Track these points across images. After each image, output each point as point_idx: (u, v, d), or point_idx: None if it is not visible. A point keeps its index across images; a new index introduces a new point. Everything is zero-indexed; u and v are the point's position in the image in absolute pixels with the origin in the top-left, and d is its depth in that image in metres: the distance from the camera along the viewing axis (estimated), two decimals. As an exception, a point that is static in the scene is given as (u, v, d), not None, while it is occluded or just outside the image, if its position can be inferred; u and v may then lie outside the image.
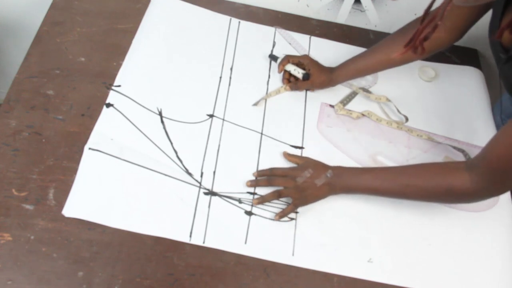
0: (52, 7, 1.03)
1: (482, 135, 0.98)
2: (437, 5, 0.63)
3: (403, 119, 0.99)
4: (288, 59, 0.98)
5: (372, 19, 1.14)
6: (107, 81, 0.94)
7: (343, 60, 0.97)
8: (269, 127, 0.94)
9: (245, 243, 0.80)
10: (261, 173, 0.87)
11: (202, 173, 0.86)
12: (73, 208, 0.78)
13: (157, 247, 0.77)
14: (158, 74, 0.97)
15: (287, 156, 0.89)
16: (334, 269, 0.80)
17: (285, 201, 0.84)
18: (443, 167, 0.77)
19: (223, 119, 0.93)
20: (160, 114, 0.91)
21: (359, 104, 1.01)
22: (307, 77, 0.96)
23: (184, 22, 1.06)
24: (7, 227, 0.76)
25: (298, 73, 0.97)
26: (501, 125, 1.02)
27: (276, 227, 0.82)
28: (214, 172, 0.86)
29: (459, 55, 1.15)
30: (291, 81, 1.00)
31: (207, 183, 0.85)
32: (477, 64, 1.14)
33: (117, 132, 0.87)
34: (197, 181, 0.85)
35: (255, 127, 0.94)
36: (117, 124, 0.88)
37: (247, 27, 1.09)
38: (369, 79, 1.05)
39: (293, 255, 0.80)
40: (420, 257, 0.83)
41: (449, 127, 1.00)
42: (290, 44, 1.08)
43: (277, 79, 1.02)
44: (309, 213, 0.84)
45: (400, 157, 0.94)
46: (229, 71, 1.01)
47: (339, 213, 0.85)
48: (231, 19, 1.10)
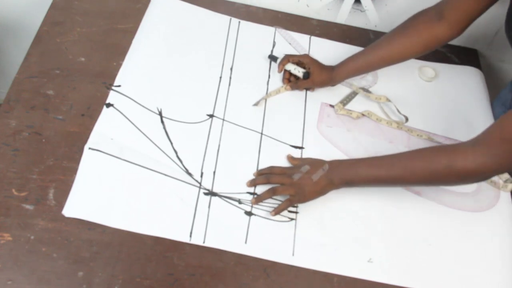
0: (52, 7, 1.03)
1: (482, 135, 0.98)
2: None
3: (403, 119, 0.98)
4: (288, 58, 0.98)
5: (372, 19, 1.14)
6: (107, 81, 0.94)
7: (343, 60, 0.97)
8: (269, 127, 0.94)
9: (245, 243, 0.80)
10: (260, 172, 0.87)
11: (202, 173, 0.86)
12: (73, 208, 0.78)
13: (157, 247, 0.77)
14: (158, 74, 0.97)
15: (291, 159, 0.89)
16: (334, 269, 0.79)
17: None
18: (443, 146, 0.77)
19: (223, 119, 0.93)
20: (160, 114, 0.91)
21: (359, 104, 1.01)
22: (307, 76, 0.96)
23: (184, 22, 1.06)
24: (7, 227, 0.76)
25: (298, 72, 0.97)
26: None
27: (276, 227, 0.82)
28: (214, 172, 0.86)
29: (459, 55, 1.14)
30: (291, 80, 1.00)
31: (207, 183, 0.85)
32: (477, 64, 1.14)
33: (117, 132, 0.87)
34: (197, 181, 0.85)
35: (255, 127, 0.94)
36: (117, 124, 0.88)
37: (247, 27, 1.09)
38: (369, 79, 1.05)
39: (293, 255, 0.80)
40: (420, 257, 0.83)
41: (449, 127, 1.00)
42: (290, 44, 1.08)
43: (277, 79, 1.02)
44: (309, 213, 0.84)
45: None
46: (229, 71, 1.01)
47: (339, 213, 0.85)
48: (231, 19, 1.10)
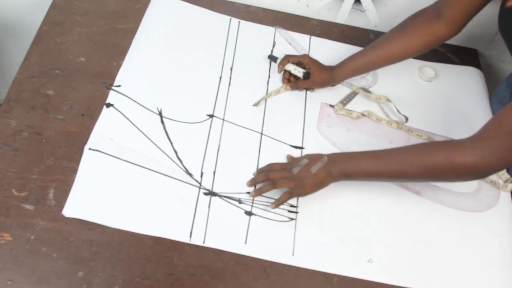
0: (52, 7, 1.03)
1: (482, 135, 0.98)
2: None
3: (403, 119, 0.98)
4: (288, 58, 0.98)
5: (372, 19, 1.14)
6: (107, 81, 0.94)
7: (343, 59, 0.97)
8: (269, 127, 0.94)
9: (245, 243, 0.80)
10: (260, 170, 0.87)
11: (202, 173, 0.86)
12: (73, 208, 0.78)
13: (157, 247, 0.77)
14: (158, 74, 0.97)
15: (290, 158, 0.89)
16: (334, 269, 0.79)
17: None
18: (443, 142, 0.77)
19: (223, 119, 0.93)
20: (160, 114, 0.91)
21: (359, 104, 1.01)
22: (307, 76, 0.96)
23: (184, 22, 1.06)
24: (7, 227, 0.76)
25: (298, 72, 0.97)
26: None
27: (276, 227, 0.82)
28: (214, 172, 0.86)
29: (459, 55, 1.14)
30: (291, 80, 1.00)
31: (207, 183, 0.85)
32: (477, 64, 1.14)
33: (117, 132, 0.87)
34: (197, 181, 0.85)
35: (255, 127, 0.94)
36: (117, 124, 0.88)
37: (247, 27, 1.09)
38: (369, 79, 1.05)
39: (293, 255, 0.80)
40: (420, 257, 0.83)
41: (449, 127, 1.00)
42: (290, 44, 1.08)
43: (277, 79, 1.02)
44: (309, 213, 0.84)
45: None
46: (229, 71, 1.01)
47: (339, 213, 0.85)
48: (231, 19, 1.10)
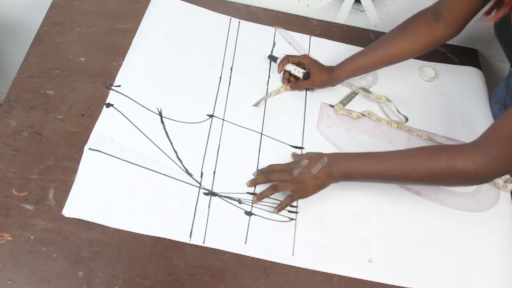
0: (52, 7, 1.03)
1: (482, 135, 0.98)
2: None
3: (403, 119, 0.98)
4: (288, 59, 0.98)
5: (372, 19, 1.14)
6: (107, 81, 0.94)
7: (343, 59, 0.97)
8: (269, 127, 0.94)
9: (245, 243, 0.80)
10: (260, 171, 0.87)
11: (202, 173, 0.86)
12: (73, 208, 0.78)
13: (157, 247, 0.77)
14: (158, 74, 0.97)
15: (294, 155, 0.89)
16: (334, 269, 0.80)
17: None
18: (445, 146, 0.76)
19: (223, 119, 0.93)
20: (160, 114, 0.91)
21: (359, 104, 1.01)
22: (307, 76, 0.96)
23: (184, 22, 1.06)
24: (7, 227, 0.76)
25: (298, 72, 0.97)
26: (497, 116, 1.01)
27: (276, 227, 0.82)
28: (214, 172, 0.86)
29: (459, 55, 1.14)
30: (291, 81, 1.00)
31: (207, 183, 0.85)
32: (477, 64, 1.14)
33: (117, 132, 0.87)
34: (197, 181, 0.85)
35: (255, 127, 0.94)
36: (117, 124, 0.88)
37: (247, 27, 1.09)
38: (369, 79, 1.05)
39: (293, 255, 0.80)
40: (420, 257, 0.83)
41: (449, 127, 1.00)
42: (290, 44, 1.08)
43: (277, 79, 1.02)
44: (309, 213, 0.84)
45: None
46: (229, 71, 1.01)
47: (339, 213, 0.85)
48: (231, 19, 1.10)
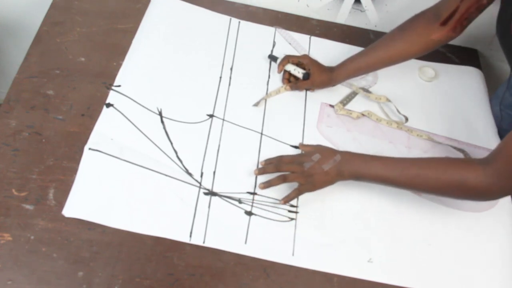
0: (52, 7, 1.03)
1: (482, 135, 0.98)
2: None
3: (403, 119, 0.98)
4: (287, 59, 0.98)
5: (372, 19, 1.14)
6: (107, 81, 0.94)
7: (343, 60, 0.97)
8: (269, 127, 0.94)
9: (245, 243, 0.80)
10: (268, 161, 0.86)
11: (202, 173, 0.86)
12: (73, 208, 0.78)
13: (157, 247, 0.77)
14: (158, 74, 0.97)
15: (302, 146, 0.90)
16: (334, 269, 0.80)
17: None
18: (457, 161, 0.76)
19: (223, 119, 0.93)
20: (160, 114, 0.91)
21: (359, 104, 1.01)
22: (307, 76, 0.96)
23: (184, 22, 1.06)
24: (7, 227, 0.76)
25: (298, 72, 0.97)
26: (499, 117, 1.02)
27: (276, 227, 0.82)
28: (214, 172, 0.86)
29: (459, 55, 1.14)
30: (291, 81, 1.00)
31: (207, 183, 0.85)
32: (477, 64, 1.14)
33: (117, 132, 0.87)
34: (197, 181, 0.85)
35: (255, 127, 0.94)
36: (117, 124, 0.88)
37: (247, 27, 1.09)
38: (369, 79, 1.05)
39: (293, 255, 0.80)
40: (420, 257, 0.83)
41: (449, 127, 1.00)
42: (290, 44, 1.08)
43: (277, 79, 1.02)
44: (309, 213, 0.84)
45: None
46: (229, 71, 1.01)
47: (339, 213, 0.85)
48: (231, 19, 1.10)
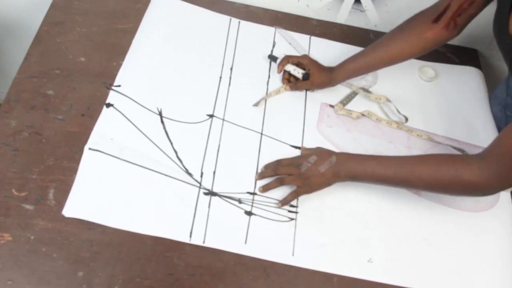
0: (52, 7, 1.03)
1: (482, 135, 0.98)
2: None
3: (403, 119, 0.98)
4: (287, 59, 0.98)
5: (372, 19, 1.14)
6: (107, 81, 0.94)
7: (343, 60, 0.97)
8: (269, 127, 0.94)
9: (245, 243, 0.80)
10: (267, 165, 0.87)
11: (202, 173, 0.86)
12: (73, 208, 0.78)
13: (157, 247, 0.77)
14: (158, 74, 0.97)
15: (304, 150, 0.90)
16: (334, 269, 0.80)
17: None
18: (452, 156, 0.77)
19: (223, 119, 0.93)
20: (160, 114, 0.91)
21: (359, 104, 1.01)
22: (307, 77, 0.96)
23: (184, 22, 1.06)
24: (7, 227, 0.76)
25: (298, 73, 0.97)
26: (499, 117, 1.01)
27: (276, 227, 0.82)
28: (214, 172, 0.86)
29: (459, 55, 1.14)
30: (291, 81, 1.00)
31: (207, 183, 0.85)
32: (477, 64, 1.14)
33: (117, 132, 0.87)
34: (197, 181, 0.85)
35: (255, 127, 0.94)
36: (117, 124, 0.88)
37: (247, 27, 1.09)
38: (369, 79, 1.05)
39: (293, 255, 0.80)
40: (420, 257, 0.83)
41: (449, 127, 1.00)
42: (290, 44, 1.08)
43: (277, 79, 1.02)
44: (309, 213, 0.84)
45: (400, 157, 0.94)
46: (229, 71, 1.01)
47: (339, 213, 0.85)
48: (231, 19, 1.10)
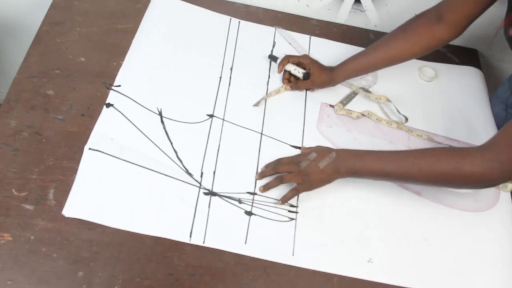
0: (52, 7, 1.03)
1: (482, 135, 0.98)
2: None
3: (403, 119, 0.98)
4: (288, 59, 0.98)
5: (372, 19, 1.14)
6: (107, 81, 0.94)
7: (343, 60, 0.97)
8: (269, 127, 0.94)
9: (245, 243, 0.80)
10: (268, 164, 0.87)
11: (202, 173, 0.86)
12: (73, 208, 0.78)
13: (157, 247, 0.77)
14: (158, 74, 0.97)
15: (303, 149, 0.90)
16: (334, 269, 0.80)
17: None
18: (453, 149, 0.77)
19: (223, 119, 0.93)
20: (160, 114, 0.91)
21: (359, 104, 1.01)
22: (307, 76, 0.96)
23: (184, 22, 1.06)
24: (7, 227, 0.76)
25: (298, 72, 0.97)
26: (501, 116, 1.01)
27: (276, 227, 0.82)
28: (214, 172, 0.86)
29: (459, 55, 1.14)
30: (291, 81, 1.00)
31: (207, 183, 0.85)
32: (477, 64, 1.14)
33: (117, 132, 0.87)
34: (197, 181, 0.85)
35: (255, 127, 0.94)
36: (117, 124, 0.88)
37: (247, 27, 1.09)
38: (369, 79, 1.05)
39: (293, 255, 0.80)
40: (420, 257, 0.83)
41: (449, 127, 1.00)
42: (290, 44, 1.08)
43: (277, 79, 1.02)
44: (309, 213, 0.84)
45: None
46: (229, 71, 1.01)
47: (339, 213, 0.85)
48: (231, 19, 1.10)
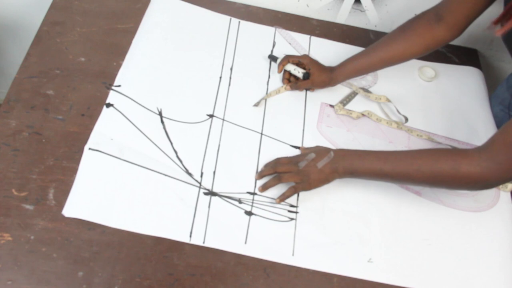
0: (52, 7, 1.03)
1: (482, 135, 0.98)
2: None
3: (403, 119, 0.98)
4: (288, 59, 0.98)
5: (372, 19, 1.14)
6: (107, 81, 0.94)
7: (343, 60, 0.97)
8: (269, 127, 0.94)
9: (245, 243, 0.80)
10: (267, 164, 0.87)
11: (202, 173, 0.86)
12: (73, 208, 0.78)
13: (157, 247, 0.77)
14: (158, 74, 0.97)
15: (303, 149, 0.90)
16: (334, 269, 0.80)
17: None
18: (451, 150, 0.77)
19: (223, 119, 0.93)
20: (160, 114, 0.91)
21: (359, 104, 1.01)
22: (307, 76, 0.96)
23: (184, 22, 1.06)
24: (7, 227, 0.76)
25: (298, 72, 0.97)
26: (500, 116, 1.01)
27: (276, 227, 0.82)
28: (214, 172, 0.86)
29: (459, 55, 1.14)
30: (291, 81, 1.00)
31: (207, 183, 0.85)
32: (477, 64, 1.14)
33: (117, 132, 0.87)
34: (197, 181, 0.85)
35: (255, 127, 0.94)
36: (117, 124, 0.88)
37: (247, 27, 1.09)
38: (369, 79, 1.05)
39: (293, 255, 0.80)
40: (420, 257, 0.83)
41: (449, 127, 1.00)
42: (290, 44, 1.08)
43: (277, 79, 1.02)
44: (309, 213, 0.84)
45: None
46: (229, 71, 1.01)
47: (339, 213, 0.85)
48: (231, 19, 1.10)
